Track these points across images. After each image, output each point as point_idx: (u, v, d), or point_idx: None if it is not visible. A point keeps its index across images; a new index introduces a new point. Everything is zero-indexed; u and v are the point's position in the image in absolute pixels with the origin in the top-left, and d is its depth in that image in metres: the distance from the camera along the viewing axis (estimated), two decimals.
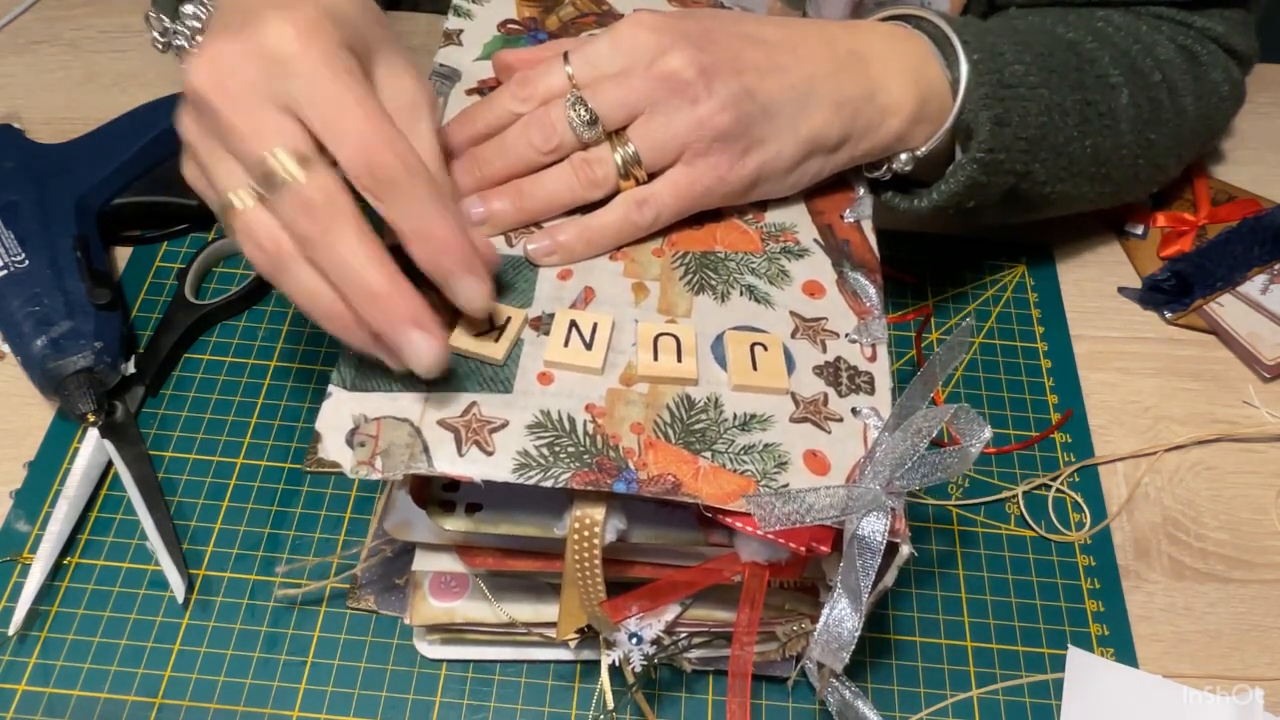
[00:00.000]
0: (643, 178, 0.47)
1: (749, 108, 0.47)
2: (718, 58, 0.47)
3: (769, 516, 0.39)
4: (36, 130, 0.70)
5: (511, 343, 0.43)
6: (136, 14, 0.79)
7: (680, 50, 0.46)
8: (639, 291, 0.46)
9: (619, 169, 0.47)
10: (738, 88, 0.47)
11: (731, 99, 0.46)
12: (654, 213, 0.47)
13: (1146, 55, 0.60)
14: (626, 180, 0.47)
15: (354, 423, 0.41)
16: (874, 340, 0.47)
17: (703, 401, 0.43)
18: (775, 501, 0.39)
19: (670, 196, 0.47)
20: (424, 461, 0.40)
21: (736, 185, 0.48)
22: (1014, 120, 0.53)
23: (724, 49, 0.48)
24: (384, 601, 0.53)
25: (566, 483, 0.39)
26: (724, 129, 0.46)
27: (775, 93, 0.48)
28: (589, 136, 0.47)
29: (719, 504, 0.40)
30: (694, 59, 0.46)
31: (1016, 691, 0.52)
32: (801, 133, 0.49)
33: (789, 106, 0.48)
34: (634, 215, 0.47)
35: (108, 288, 0.58)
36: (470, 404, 0.42)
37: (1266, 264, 0.67)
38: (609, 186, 0.47)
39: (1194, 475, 0.60)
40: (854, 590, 0.41)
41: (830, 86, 0.49)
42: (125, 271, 0.65)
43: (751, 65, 0.48)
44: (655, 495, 0.40)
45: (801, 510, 0.39)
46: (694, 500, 0.40)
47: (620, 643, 0.45)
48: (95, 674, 0.50)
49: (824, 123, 0.49)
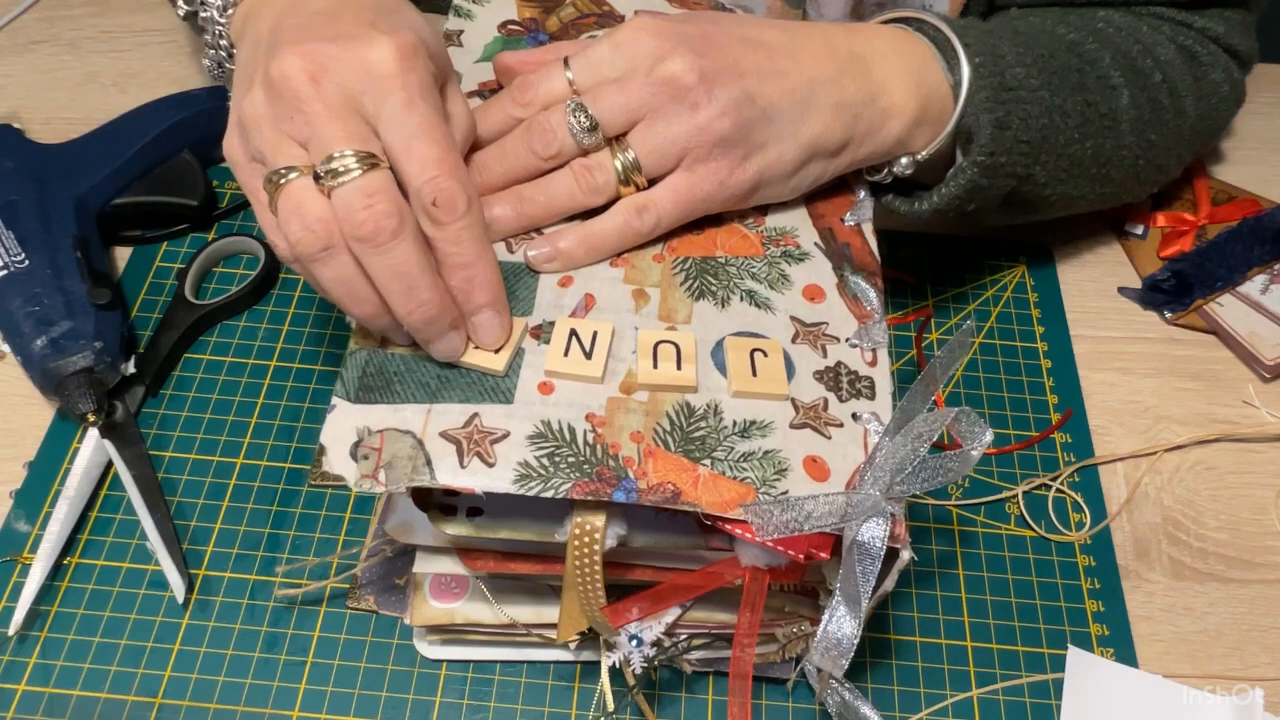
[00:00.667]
0: (643, 184, 0.47)
1: (749, 112, 0.47)
2: (718, 62, 0.47)
3: (767, 525, 0.39)
4: (36, 130, 0.70)
5: (512, 353, 0.44)
6: (137, 14, 0.79)
7: (681, 55, 0.46)
8: (639, 298, 0.46)
9: (619, 175, 0.47)
10: (738, 92, 0.47)
11: (732, 104, 0.46)
12: (654, 219, 0.47)
13: (1147, 56, 0.60)
14: (627, 186, 0.47)
15: (358, 435, 0.41)
16: (874, 345, 0.47)
17: (702, 409, 0.43)
18: (774, 510, 0.39)
19: (671, 202, 0.47)
20: (427, 474, 0.40)
21: (737, 190, 0.48)
22: (1015, 123, 0.53)
23: (724, 53, 0.47)
24: (384, 601, 0.53)
25: (566, 493, 0.40)
26: (724, 134, 0.46)
27: (776, 97, 0.48)
28: (589, 143, 0.47)
29: (718, 512, 0.40)
30: (694, 64, 0.46)
31: (1016, 691, 0.52)
32: (802, 137, 0.49)
33: (790, 110, 0.48)
34: (634, 221, 0.47)
35: (108, 288, 0.58)
36: (472, 415, 0.42)
37: (1266, 264, 0.67)
38: (609, 193, 0.47)
39: (1194, 475, 0.60)
40: (853, 597, 0.41)
41: (831, 90, 0.49)
42: (125, 271, 0.65)
43: (752, 69, 0.48)
44: (655, 504, 0.40)
45: (800, 518, 0.39)
46: (693, 509, 0.40)
47: (620, 644, 0.45)
48: (95, 674, 0.50)
49: (825, 127, 0.49)
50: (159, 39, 0.77)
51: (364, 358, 0.44)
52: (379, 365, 0.44)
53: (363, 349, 0.44)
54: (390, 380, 0.43)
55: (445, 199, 0.41)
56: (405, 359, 0.44)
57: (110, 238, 0.66)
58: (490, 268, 0.43)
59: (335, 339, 0.62)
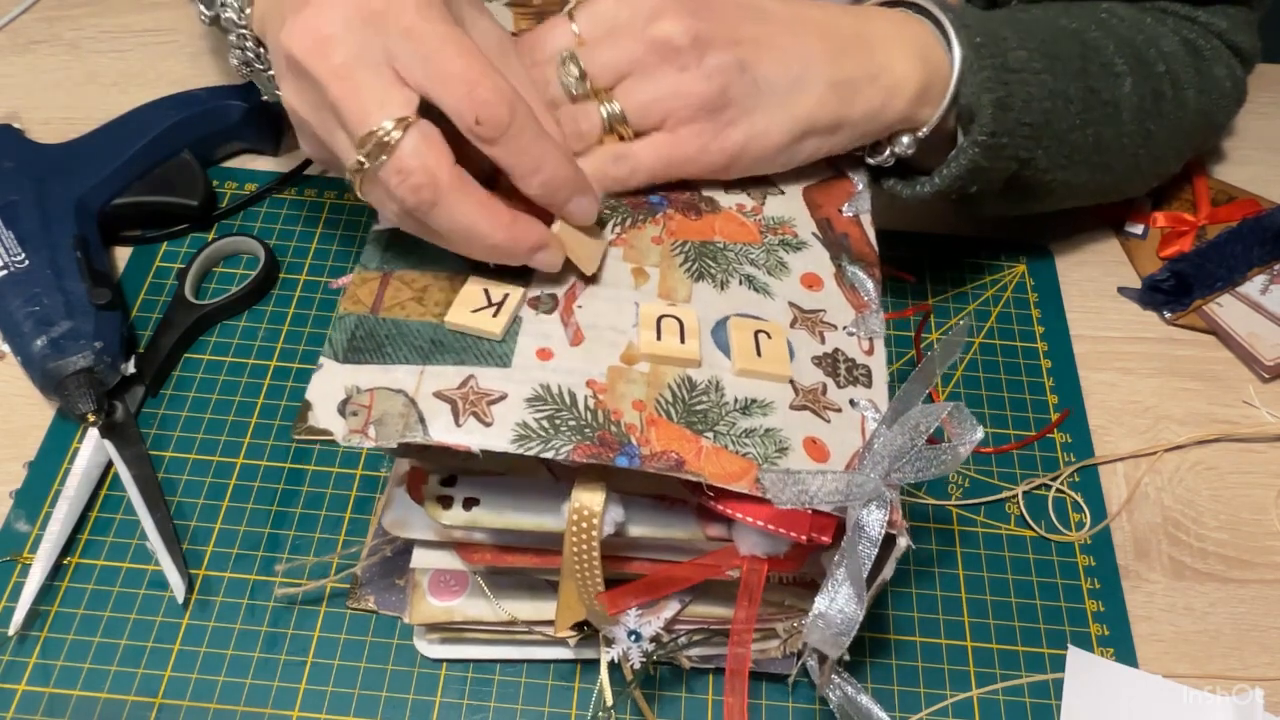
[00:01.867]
0: (629, 136, 0.48)
1: (738, 81, 0.47)
2: (714, 28, 0.47)
3: (780, 495, 0.39)
4: (36, 130, 0.70)
5: (510, 318, 0.43)
6: (137, 14, 0.79)
7: (677, 16, 0.47)
8: (639, 276, 0.46)
9: (604, 124, 0.47)
10: (729, 60, 0.47)
11: (719, 70, 0.47)
12: (629, 169, 0.48)
13: (1150, 46, 0.60)
14: (611, 136, 0.48)
15: (346, 393, 0.41)
16: (871, 334, 0.47)
17: (704, 384, 0.43)
18: (779, 482, 0.39)
19: (649, 157, 0.48)
20: (419, 430, 0.39)
21: (719, 157, 0.49)
22: (1017, 104, 0.53)
23: (723, 20, 0.48)
24: (384, 601, 0.53)
25: (568, 455, 0.39)
26: (709, 99, 0.47)
27: (769, 69, 0.48)
28: (578, 93, 0.48)
29: (723, 484, 0.40)
30: (690, 27, 0.47)
31: (1016, 691, 0.52)
32: (794, 112, 0.49)
33: (782, 84, 0.49)
34: (609, 167, 0.48)
35: (108, 288, 0.58)
36: (467, 377, 0.41)
37: (1266, 264, 0.67)
38: (592, 140, 0.48)
39: (1194, 475, 0.60)
40: (855, 576, 0.41)
41: (828, 68, 0.49)
42: (125, 271, 0.65)
43: (748, 39, 0.48)
44: (658, 471, 0.39)
45: (806, 494, 0.39)
46: (698, 479, 0.40)
47: (619, 640, 0.45)
48: (95, 674, 0.50)
49: (818, 103, 0.49)
50: (159, 39, 0.77)
51: (353, 321, 0.43)
52: (369, 329, 0.43)
53: (352, 313, 0.44)
54: (381, 343, 0.42)
55: (486, 116, 0.40)
56: (397, 323, 0.43)
57: (110, 238, 0.66)
58: (559, 162, 0.42)
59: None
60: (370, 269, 0.46)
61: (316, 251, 0.66)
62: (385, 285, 0.45)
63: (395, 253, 0.46)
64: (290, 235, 0.67)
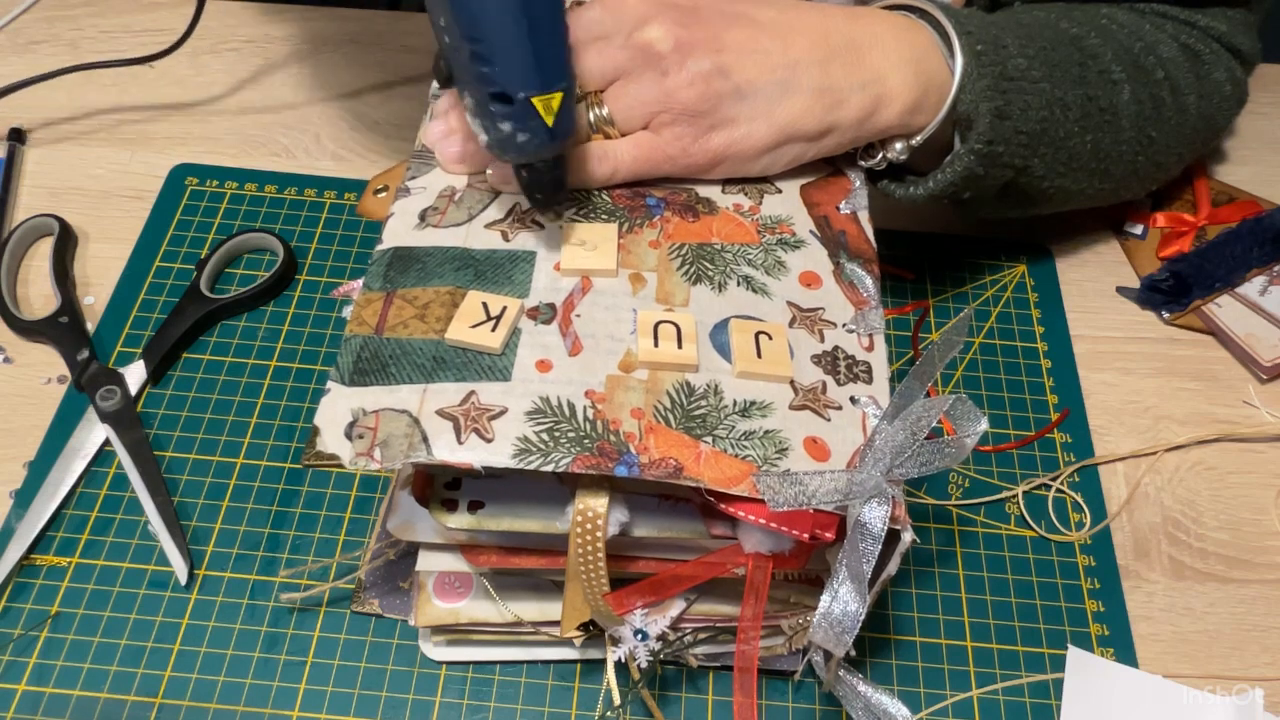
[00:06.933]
0: (616, 136, 0.49)
1: (720, 86, 0.48)
2: (697, 34, 0.48)
3: (777, 497, 0.39)
4: (37, 130, 0.70)
5: (509, 332, 0.44)
6: (137, 14, 0.79)
7: (661, 22, 0.48)
8: (636, 282, 0.46)
9: (590, 126, 0.49)
10: (710, 65, 0.48)
11: (701, 76, 0.48)
12: (611, 167, 0.49)
13: (1149, 53, 0.60)
14: (598, 136, 0.49)
15: (352, 416, 0.41)
16: (871, 330, 0.47)
17: (702, 388, 0.43)
18: (779, 484, 0.39)
19: (630, 156, 0.49)
20: (423, 450, 0.40)
21: (700, 159, 0.49)
22: (1015, 114, 0.53)
23: (707, 26, 0.49)
24: (388, 605, 0.53)
25: (567, 467, 0.39)
26: (690, 104, 0.48)
27: (753, 75, 0.49)
28: None
29: (722, 488, 0.40)
30: (672, 32, 0.48)
31: (1016, 691, 0.52)
32: (777, 118, 0.49)
33: (766, 90, 0.49)
34: (594, 165, 0.49)
35: None
36: (469, 393, 0.42)
37: (1265, 265, 0.67)
38: (581, 140, 0.49)
39: (1194, 475, 0.60)
40: (857, 573, 0.41)
41: (814, 74, 0.50)
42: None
43: (732, 45, 0.49)
44: (657, 479, 0.40)
45: (805, 494, 0.39)
46: (696, 484, 0.40)
47: (625, 638, 0.45)
48: (95, 674, 0.50)
49: (803, 109, 0.50)
50: (159, 39, 0.77)
51: (359, 343, 0.44)
52: (374, 350, 0.44)
53: (358, 335, 0.44)
54: (385, 363, 0.43)
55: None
56: (400, 342, 0.44)
57: None
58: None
59: (337, 339, 0.62)
60: (374, 289, 0.46)
61: (336, 254, 0.66)
62: (389, 305, 0.45)
63: (397, 271, 0.46)
64: (309, 237, 0.67)
